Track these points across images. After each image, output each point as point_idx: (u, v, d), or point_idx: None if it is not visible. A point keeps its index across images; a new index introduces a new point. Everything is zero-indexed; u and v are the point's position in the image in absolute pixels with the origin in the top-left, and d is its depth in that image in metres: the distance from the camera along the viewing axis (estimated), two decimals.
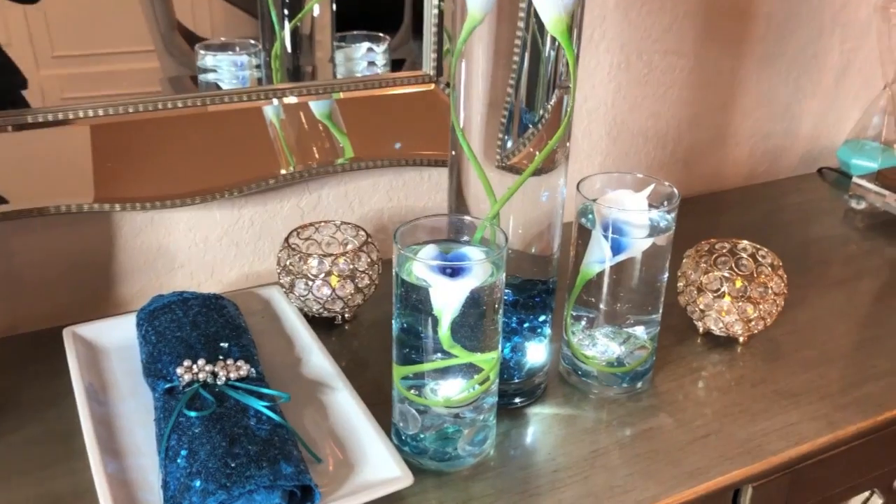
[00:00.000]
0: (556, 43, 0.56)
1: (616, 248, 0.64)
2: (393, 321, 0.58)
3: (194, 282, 0.82)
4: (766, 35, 1.03)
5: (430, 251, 0.57)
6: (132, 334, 0.70)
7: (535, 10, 0.55)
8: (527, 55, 0.57)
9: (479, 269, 0.56)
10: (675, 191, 0.66)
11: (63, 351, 0.67)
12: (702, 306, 0.73)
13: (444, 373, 0.58)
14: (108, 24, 0.74)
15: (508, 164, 0.61)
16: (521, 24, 0.56)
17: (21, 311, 0.75)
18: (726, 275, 0.72)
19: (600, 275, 0.65)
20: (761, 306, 0.72)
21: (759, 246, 0.76)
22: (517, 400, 0.68)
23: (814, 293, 0.84)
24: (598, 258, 0.65)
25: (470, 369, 0.58)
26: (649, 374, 0.70)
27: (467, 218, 0.60)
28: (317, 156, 0.84)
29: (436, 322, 0.55)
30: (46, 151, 0.71)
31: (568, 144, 0.62)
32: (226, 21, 0.81)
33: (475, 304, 0.56)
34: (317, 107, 0.84)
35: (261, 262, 0.84)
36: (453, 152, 0.62)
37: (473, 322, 0.56)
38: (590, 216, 0.65)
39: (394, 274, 0.57)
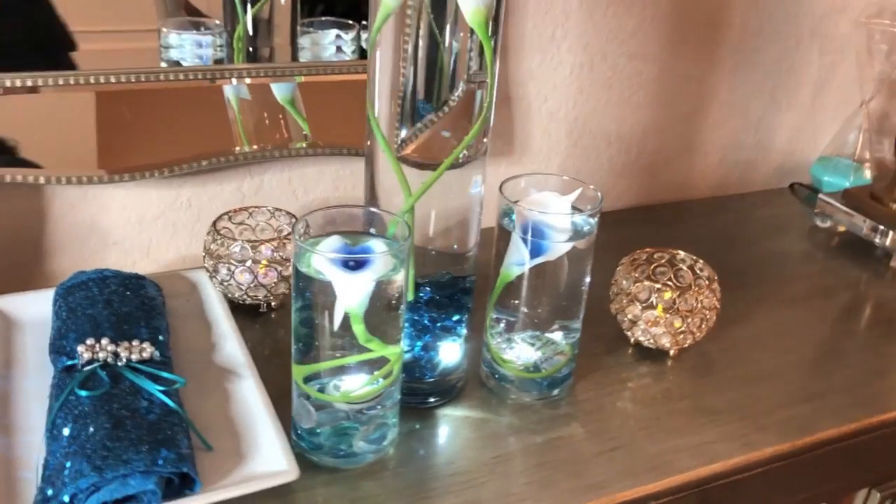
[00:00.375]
0: (470, 35, 0.55)
1: (535, 251, 0.62)
2: (293, 315, 0.57)
3: (129, 260, 0.81)
4: (740, 45, 1.01)
5: (331, 243, 0.55)
6: (50, 309, 0.69)
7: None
8: (421, 43, 0.55)
9: (381, 263, 0.54)
10: (599, 195, 0.64)
11: None
12: (630, 316, 0.72)
13: (345, 368, 0.57)
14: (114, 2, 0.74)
15: (402, 155, 0.59)
16: (428, 14, 0.54)
17: None
18: (657, 286, 0.70)
19: (520, 277, 0.64)
20: (690, 320, 0.70)
21: (696, 258, 0.74)
22: (431, 399, 0.66)
23: (760, 310, 0.82)
24: (518, 260, 0.63)
25: (372, 365, 0.57)
26: (568, 382, 0.69)
27: (375, 210, 0.59)
28: (268, 138, 0.83)
29: (345, 318, 0.54)
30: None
31: (485, 140, 0.60)
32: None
33: (377, 297, 0.55)
34: (279, 90, 0.83)
35: (198, 243, 0.83)
36: (368, 143, 0.61)
37: (376, 316, 0.55)
38: (511, 218, 0.63)
39: (293, 267, 0.55)
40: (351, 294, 0.54)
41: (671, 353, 0.73)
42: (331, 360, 0.57)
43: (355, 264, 0.54)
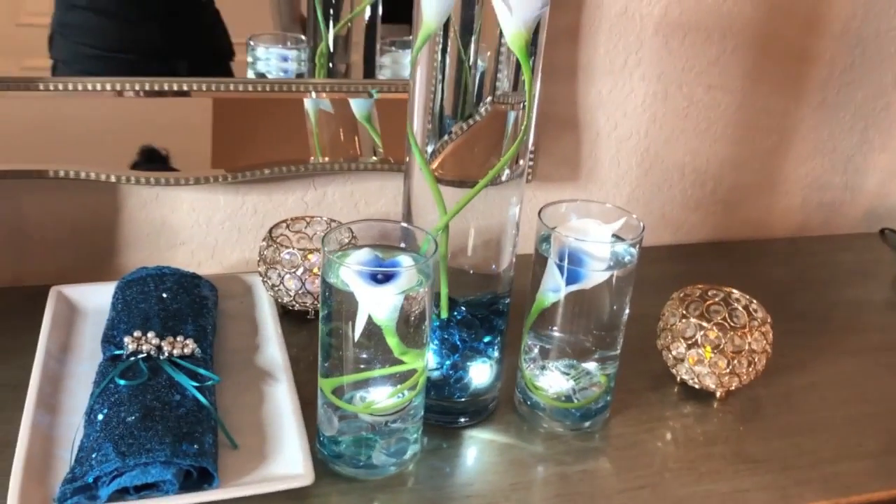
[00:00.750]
0: (497, 56, 0.56)
1: (571, 279, 0.62)
2: (320, 325, 0.58)
3: (195, 260, 0.85)
4: (829, 80, 0.97)
5: (361, 256, 0.56)
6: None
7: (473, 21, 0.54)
8: (448, 60, 0.56)
9: (406, 277, 0.55)
10: (642, 225, 0.63)
11: None
12: (675, 353, 0.69)
13: (370, 380, 0.58)
14: (237, 13, 0.79)
15: (437, 172, 0.60)
16: (455, 33, 0.55)
17: (26, 266, 0.80)
18: (703, 324, 0.68)
19: (555, 304, 0.63)
20: (736, 362, 0.67)
21: (751, 298, 0.71)
22: (461, 419, 0.66)
23: (824, 357, 0.78)
24: (553, 287, 0.62)
25: (397, 378, 0.58)
26: (603, 415, 0.67)
27: (406, 225, 0.60)
28: (348, 150, 0.85)
29: (369, 328, 0.55)
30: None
31: (521, 162, 0.60)
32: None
33: (406, 310, 0.55)
34: (357, 106, 0.85)
35: None
36: (407, 159, 0.62)
37: (403, 328, 0.56)
38: (549, 243, 0.62)
39: (321, 277, 0.57)
40: (376, 306, 0.55)
41: (718, 394, 0.71)
42: (357, 373, 0.57)
43: (382, 277, 0.55)
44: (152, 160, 0.78)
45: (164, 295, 0.70)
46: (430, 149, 0.59)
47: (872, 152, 1.04)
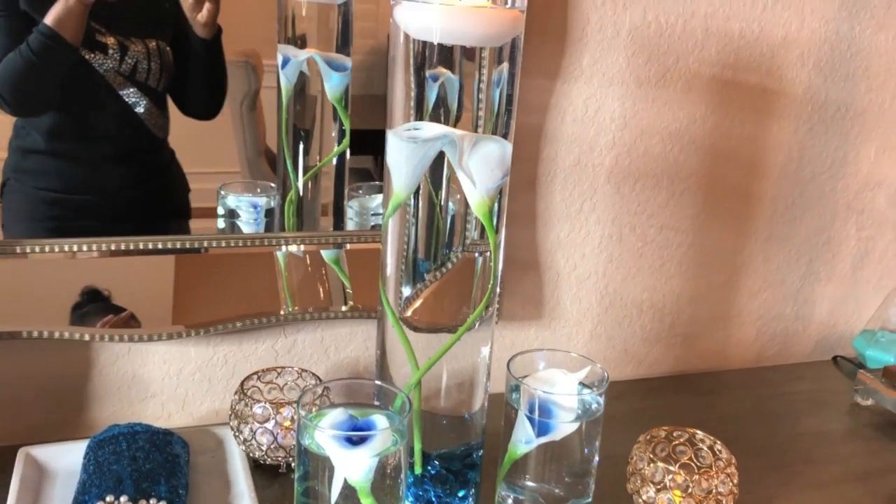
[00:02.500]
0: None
1: (542, 430, 0.63)
2: (295, 484, 0.59)
3: (165, 412, 0.85)
4: (773, 217, 1.03)
5: (336, 416, 0.58)
6: (81, 461, 0.72)
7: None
8: (421, 204, 0.59)
9: (381, 439, 0.56)
10: (606, 374, 0.65)
11: None
12: (645, 497, 0.71)
13: None
14: (200, 146, 0.82)
15: (407, 318, 0.62)
16: (427, 180, 0.59)
17: None
18: (671, 468, 0.70)
19: (527, 455, 0.64)
20: None
21: (715, 439, 0.73)
22: None
23: (788, 494, 0.80)
24: (525, 438, 0.64)
25: None
26: None
27: (381, 384, 0.62)
28: (318, 297, 0.87)
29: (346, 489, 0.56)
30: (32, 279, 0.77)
31: (490, 308, 0.63)
32: None
33: (379, 468, 0.56)
34: (327, 253, 0.88)
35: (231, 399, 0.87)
36: (380, 307, 0.64)
37: (378, 486, 0.56)
38: (518, 394, 0.65)
39: (296, 438, 0.58)
40: (351, 468, 0.55)
41: None
42: None
43: (357, 439, 0.56)
44: (95, 300, 0.79)
45: (137, 454, 0.70)
46: (404, 293, 0.61)
47: (819, 283, 1.09)
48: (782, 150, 1.00)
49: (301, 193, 0.89)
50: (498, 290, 0.64)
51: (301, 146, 0.88)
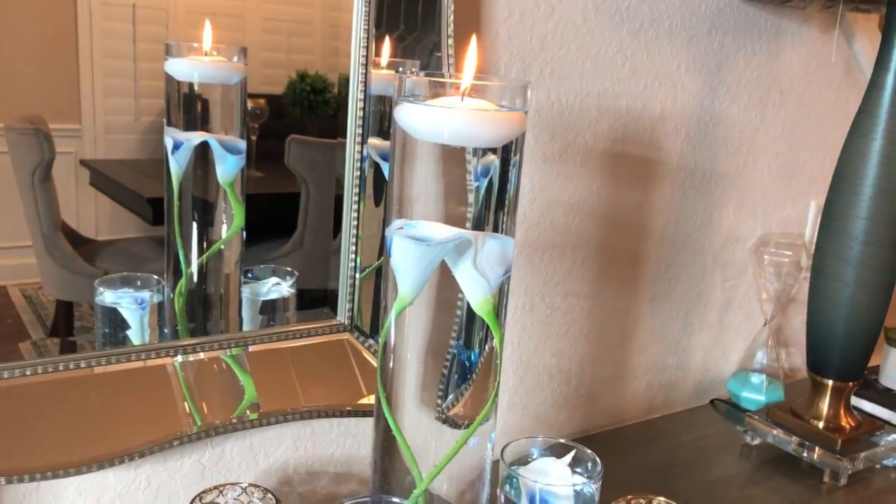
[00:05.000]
0: None
1: None
2: None
3: None
4: (656, 276, 1.10)
5: None
6: None
7: None
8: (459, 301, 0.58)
9: None
10: (598, 459, 0.66)
11: None
12: None
13: None
14: None
15: (447, 416, 0.60)
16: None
17: None
18: None
19: None
20: None
21: (671, 502, 0.76)
22: None
23: None
24: None
25: None
26: None
27: (397, 500, 0.58)
28: (223, 409, 0.80)
29: None
30: None
31: (496, 402, 0.62)
32: (112, 221, 0.78)
33: None
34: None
35: None
36: (380, 408, 0.60)
37: None
38: (513, 487, 0.63)
39: None
40: None
41: None
42: None
43: None
44: None
45: None
46: (446, 396, 0.59)
47: (694, 333, 1.18)
48: (662, 214, 1.08)
49: (195, 282, 0.82)
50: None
51: (194, 231, 0.82)
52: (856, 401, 1.12)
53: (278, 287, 0.89)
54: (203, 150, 0.80)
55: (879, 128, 0.93)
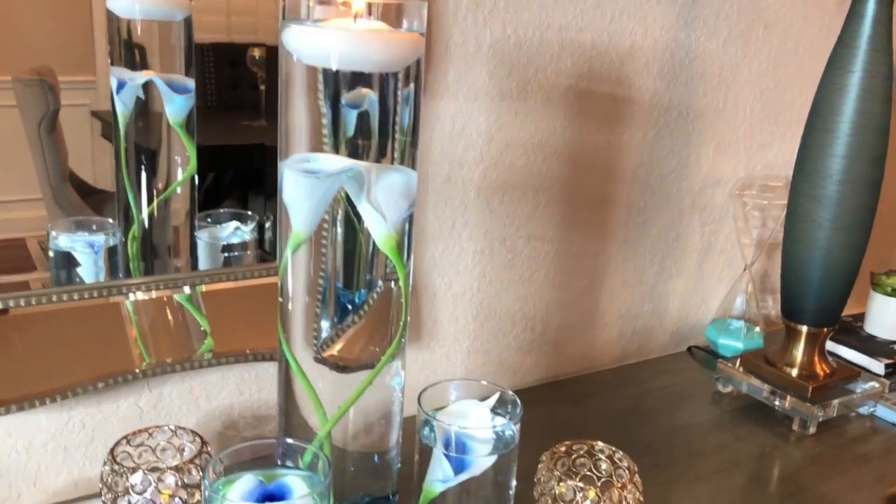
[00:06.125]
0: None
1: (459, 467, 0.61)
2: None
3: (13, 492, 0.74)
4: (628, 220, 1.06)
5: (244, 484, 0.52)
6: None
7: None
8: (339, 230, 0.55)
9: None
10: (518, 400, 0.64)
11: None
12: None
13: None
14: None
15: (324, 356, 0.58)
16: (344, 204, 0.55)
17: None
18: (580, 484, 0.69)
19: (443, 493, 0.62)
20: None
21: (615, 448, 0.74)
22: None
23: (678, 491, 0.82)
24: (443, 478, 0.61)
25: None
26: None
27: (290, 440, 0.56)
28: (171, 349, 0.79)
29: None
30: None
31: (403, 341, 0.60)
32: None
33: None
34: (179, 295, 0.81)
35: (93, 466, 0.77)
36: (281, 349, 0.59)
37: None
38: (431, 430, 0.61)
39: None
40: None
41: None
42: None
43: None
44: None
45: None
46: (323, 333, 0.57)
47: (671, 279, 1.14)
48: (634, 155, 1.04)
49: (146, 226, 0.81)
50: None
51: (143, 175, 0.80)
52: (835, 347, 1.08)
53: (239, 231, 0.87)
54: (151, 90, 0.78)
55: (858, 59, 0.88)
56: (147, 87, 0.78)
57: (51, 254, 0.77)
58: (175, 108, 0.80)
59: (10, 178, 0.73)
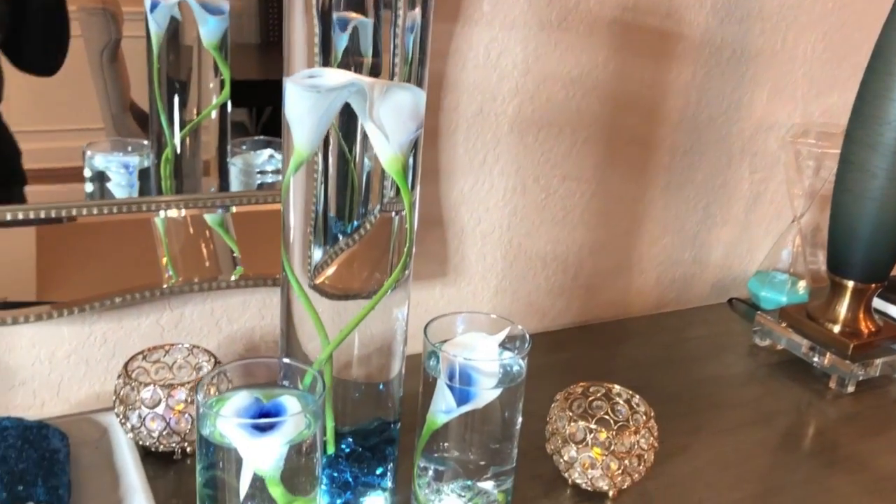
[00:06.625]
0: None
1: (462, 399, 0.59)
2: (197, 474, 0.53)
3: (37, 401, 0.76)
4: (671, 165, 1.02)
5: (240, 400, 0.52)
6: None
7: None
8: (332, 160, 0.54)
9: (292, 424, 0.51)
10: (527, 335, 0.62)
11: None
12: (566, 458, 0.69)
13: None
14: (58, 100, 0.72)
15: (317, 284, 0.57)
16: (337, 133, 0.53)
17: None
18: (592, 426, 0.68)
19: (447, 424, 0.61)
20: (627, 461, 0.67)
21: (633, 392, 0.72)
22: None
23: (701, 440, 0.80)
24: (445, 409, 0.60)
25: None
26: None
27: (289, 361, 0.56)
28: (202, 269, 0.80)
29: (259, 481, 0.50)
30: None
31: (406, 272, 0.58)
32: None
33: (290, 452, 0.51)
34: (210, 216, 0.81)
35: (113, 380, 0.78)
36: (283, 275, 0.58)
37: (289, 470, 0.51)
38: (437, 362, 0.60)
39: (196, 431, 0.51)
40: (260, 458, 0.50)
41: (610, 494, 0.70)
42: None
43: (266, 426, 0.50)
44: None
45: (7, 454, 0.62)
46: (314, 259, 0.56)
47: (715, 227, 1.10)
48: (681, 96, 0.99)
49: (178, 151, 0.80)
50: (414, 250, 0.59)
51: (176, 99, 0.80)
52: (883, 306, 1.03)
53: (273, 159, 0.87)
54: (185, 11, 0.77)
55: None
56: (180, 7, 0.77)
57: (87, 172, 0.78)
58: (209, 29, 0.79)
59: (74, 106, 0.73)
